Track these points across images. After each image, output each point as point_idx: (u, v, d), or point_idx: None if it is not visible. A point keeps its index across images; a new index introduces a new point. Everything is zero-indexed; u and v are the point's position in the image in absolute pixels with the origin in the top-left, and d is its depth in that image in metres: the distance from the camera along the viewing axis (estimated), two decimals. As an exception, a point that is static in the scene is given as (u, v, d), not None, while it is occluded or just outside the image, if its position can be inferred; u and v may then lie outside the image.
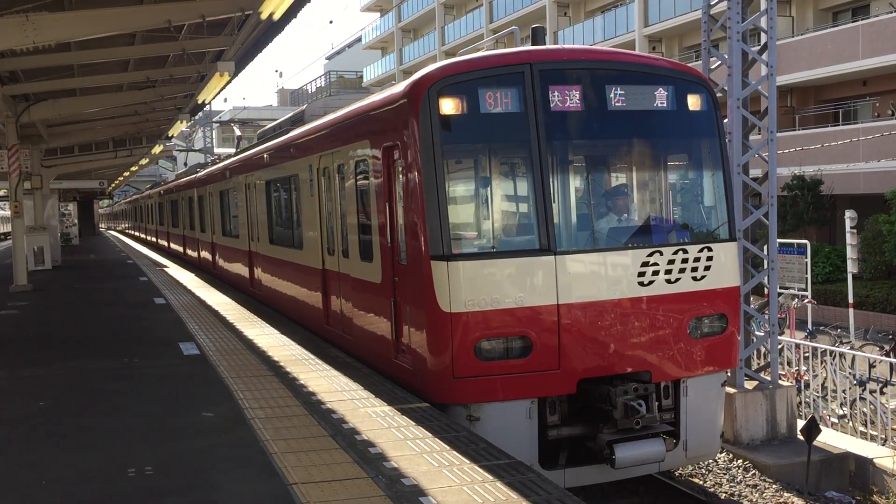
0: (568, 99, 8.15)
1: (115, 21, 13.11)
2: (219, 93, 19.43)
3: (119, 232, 77.34)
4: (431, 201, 7.81)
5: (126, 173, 50.27)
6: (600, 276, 8.09)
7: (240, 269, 18.66)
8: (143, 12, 13.27)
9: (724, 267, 8.54)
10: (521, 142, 8.10)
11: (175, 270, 25.98)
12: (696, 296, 8.39)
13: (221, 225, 21.09)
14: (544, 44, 9.24)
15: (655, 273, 8.19)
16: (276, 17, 12.30)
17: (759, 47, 11.89)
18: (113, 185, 60.17)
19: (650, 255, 8.19)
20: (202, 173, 24.95)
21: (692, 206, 9.15)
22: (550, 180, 8.08)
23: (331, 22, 78.48)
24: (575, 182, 8.55)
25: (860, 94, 30.26)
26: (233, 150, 29.73)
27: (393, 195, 8.74)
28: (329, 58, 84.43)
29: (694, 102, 8.64)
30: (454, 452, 6.47)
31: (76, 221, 50.81)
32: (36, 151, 25.79)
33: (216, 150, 44.63)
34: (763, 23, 11.69)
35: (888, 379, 12.26)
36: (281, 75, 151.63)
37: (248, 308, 15.73)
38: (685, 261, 8.32)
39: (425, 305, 7.96)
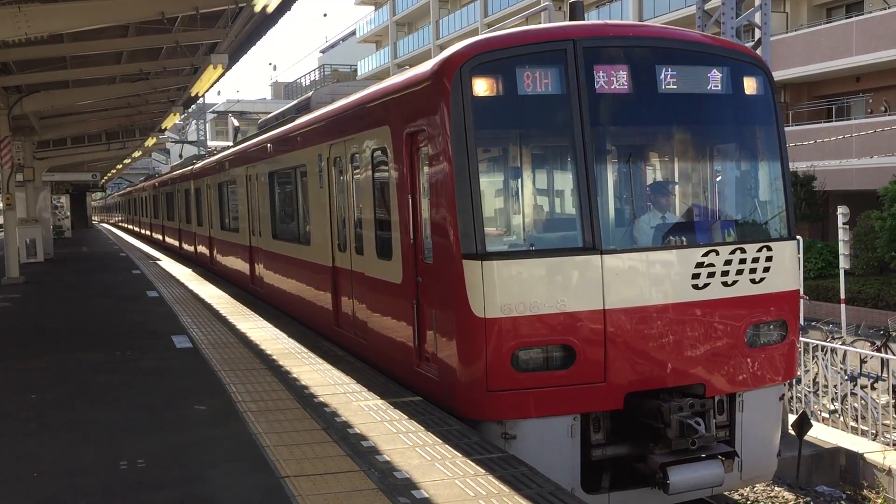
0: (615, 80, 7.34)
1: (108, 13, 13.05)
2: (212, 85, 19.36)
3: (112, 225, 77.13)
4: (463, 193, 7.04)
5: (119, 166, 50.12)
6: (650, 278, 7.30)
7: (239, 265, 17.86)
8: (137, 4, 13.20)
9: (783, 268, 7.75)
10: (562, 127, 7.36)
11: (168, 263, 25.93)
12: (754, 300, 7.62)
13: (220, 218, 20.25)
14: (583, 20, 8.35)
15: (711, 275, 7.43)
16: (270, 9, 12.27)
17: (752, 43, 11.91)
18: (106, 177, 59.94)
19: (705, 254, 7.42)
20: (200, 164, 24.15)
21: (748, 200, 8.28)
22: (595, 170, 7.29)
23: (325, 15, 78.20)
24: (621, 173, 7.75)
25: (853, 91, 30.33)
26: (227, 143, 29.52)
27: (416, 187, 7.99)
28: (323, 51, 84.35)
29: (750, 85, 7.86)
30: (446, 446, 6.48)
31: (69, 214, 50.71)
32: (28, 143, 25.68)
33: (209, 143, 44.49)
34: (757, 18, 11.71)
35: (879, 374, 12.31)
36: (275, 68, 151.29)
37: (241, 301, 15.71)
38: (743, 261, 7.54)
39: (455, 309, 7.20)
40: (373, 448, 6.49)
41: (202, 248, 23.67)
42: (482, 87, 7.17)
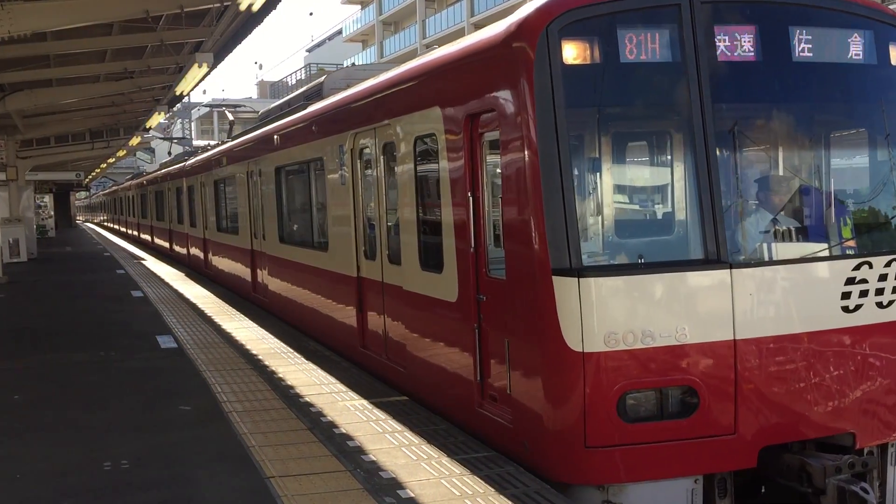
0: (739, 45, 5.87)
1: (92, 11, 12.96)
2: (197, 84, 19.25)
3: (97, 224, 76.71)
4: (552, 191, 5.56)
5: (103, 165, 49.81)
6: (791, 299, 5.77)
7: (239, 270, 16.22)
8: (121, 2, 13.12)
9: None
10: (676, 105, 5.93)
11: (153, 263, 25.81)
12: None
13: (216, 219, 18.74)
14: None
15: (863, 294, 5.88)
16: (255, 7, 12.21)
17: None
18: (90, 176, 59.61)
19: (857, 267, 5.87)
20: (193, 160, 22.59)
21: None
22: (718, 161, 5.77)
23: (311, 14, 78.24)
24: (750, 164, 6.22)
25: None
26: (212, 142, 29.10)
27: (479, 182, 6.53)
28: (309, 50, 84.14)
29: None
30: (432, 445, 6.48)
31: (52, 213, 50.36)
32: (11, 142, 25.51)
33: (195, 143, 44.29)
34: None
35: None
36: (261, 67, 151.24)
37: (226, 301, 15.66)
38: None
39: (541, 340, 5.70)
40: (358, 448, 6.48)
41: (195, 251, 22.20)
42: (574, 52, 5.67)
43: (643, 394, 5.61)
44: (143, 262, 26.59)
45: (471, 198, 6.58)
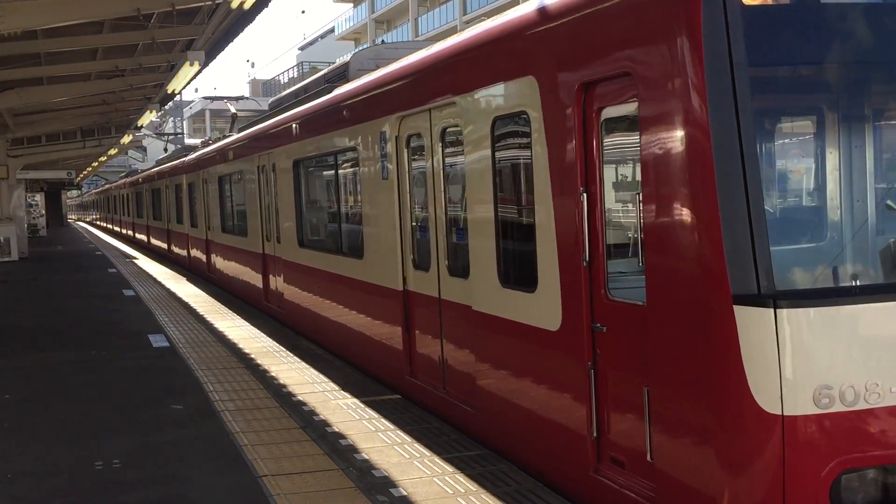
0: None
1: (83, 9, 12.92)
2: (189, 82, 19.21)
3: (89, 223, 76.46)
4: (732, 185, 4.00)
5: (95, 163, 49.67)
6: None
7: (248, 276, 14.71)
8: (112, 0, 13.09)
9: None
10: None
11: (145, 262, 25.73)
12: None
13: (220, 219, 17.22)
14: None
15: None
16: (247, 5, 12.19)
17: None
18: (81, 175, 59.42)
19: None
20: (194, 155, 21.09)
21: None
22: None
23: (303, 12, 78.19)
24: None
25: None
26: (200, 140, 28.70)
27: (594, 172, 4.96)
28: (302, 48, 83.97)
29: None
30: (424, 444, 6.47)
31: (43, 212, 50.22)
32: (2, 141, 25.43)
33: (186, 141, 44.16)
34: None
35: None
36: (253, 65, 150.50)
37: (218, 300, 15.62)
38: None
39: (713, 395, 4.12)
40: (351, 446, 6.48)
41: (196, 253, 20.68)
42: None
43: (866, 473, 4.05)
44: (135, 261, 26.52)
45: (584, 193, 4.96)
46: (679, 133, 4.19)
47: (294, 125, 11.19)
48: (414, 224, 7.68)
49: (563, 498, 5.39)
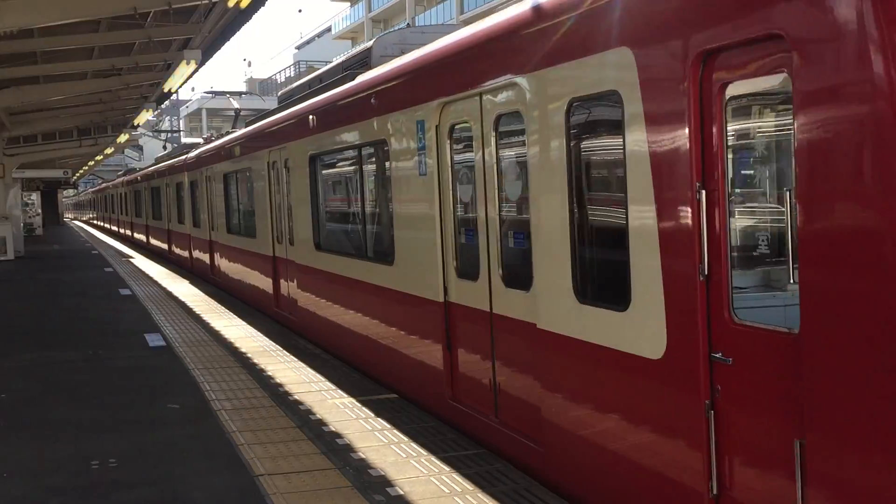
0: None
1: (80, 7, 12.91)
2: (185, 81, 19.22)
3: (85, 222, 76.35)
4: None
5: (91, 162, 49.61)
6: None
7: (256, 280, 13.90)
8: (109, -1, 13.08)
9: None
10: None
11: (141, 261, 25.71)
12: None
13: (226, 219, 16.35)
14: None
15: None
16: (243, 4, 12.19)
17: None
18: (78, 174, 59.34)
19: None
20: (197, 152, 20.12)
21: None
22: None
23: (300, 11, 78.07)
24: None
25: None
26: (198, 140, 28.55)
27: (715, 164, 4.04)
28: (298, 47, 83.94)
29: None
30: (421, 443, 6.48)
31: (39, 211, 50.13)
32: (-2, 139, 25.37)
33: (183, 140, 44.11)
34: None
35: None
36: (250, 64, 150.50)
37: (215, 299, 15.61)
38: None
39: None
40: (347, 446, 6.47)
41: (199, 255, 19.78)
42: None
43: None
44: (131, 259, 26.49)
45: (701, 191, 4.07)
46: (866, 111, 3.22)
47: (311, 117, 10.25)
48: (458, 226, 6.79)
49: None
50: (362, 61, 9.57)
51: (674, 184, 4.23)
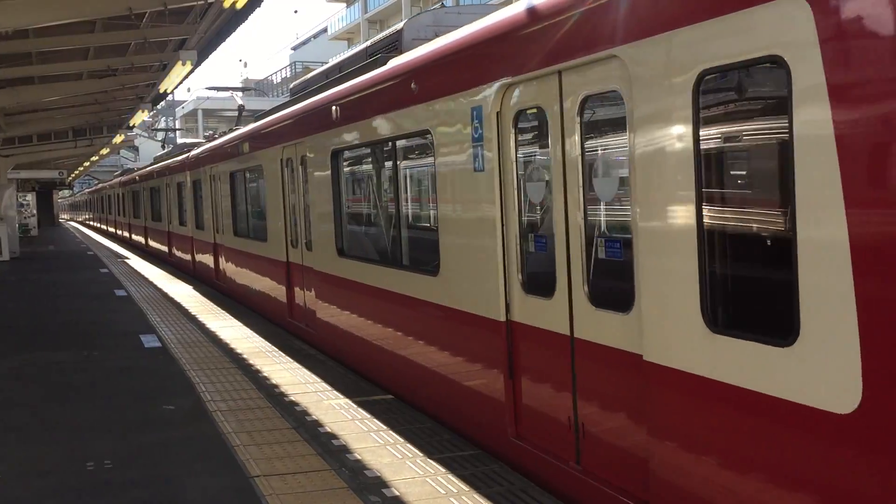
0: None
1: (75, 8, 12.89)
2: (181, 82, 19.19)
3: (81, 223, 76.22)
4: None
5: (86, 163, 49.53)
6: None
7: (268, 287, 12.82)
8: (104, -1, 13.06)
9: None
10: None
11: (137, 262, 25.66)
12: None
13: (232, 220, 15.19)
14: None
15: None
16: (239, 5, 12.17)
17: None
18: (73, 175, 59.24)
19: None
20: (199, 150, 19.14)
21: None
22: None
23: (296, 12, 78.05)
24: None
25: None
26: (197, 140, 28.36)
27: None
28: (294, 48, 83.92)
29: None
30: (416, 444, 6.47)
31: (35, 212, 50.01)
32: (-7, 140, 25.33)
33: (178, 141, 44.05)
34: None
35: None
36: (245, 65, 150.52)
37: (211, 300, 15.59)
38: None
39: None
40: (343, 446, 6.47)
41: (203, 259, 18.67)
42: None
43: None
44: (126, 260, 26.45)
45: None
46: None
47: (334, 108, 9.12)
48: (525, 232, 5.75)
49: (555, 498, 5.02)
50: (392, 45, 8.69)
51: (875, 181, 3.18)
